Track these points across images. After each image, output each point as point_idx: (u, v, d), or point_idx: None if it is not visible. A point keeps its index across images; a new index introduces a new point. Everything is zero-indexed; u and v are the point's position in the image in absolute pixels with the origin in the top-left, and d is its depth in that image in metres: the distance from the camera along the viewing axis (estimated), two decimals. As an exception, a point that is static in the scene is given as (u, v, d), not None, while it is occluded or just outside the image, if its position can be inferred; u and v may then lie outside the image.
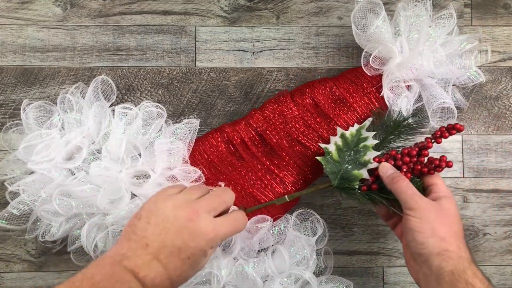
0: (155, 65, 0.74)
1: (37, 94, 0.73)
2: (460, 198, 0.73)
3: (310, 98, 0.69)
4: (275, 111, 0.69)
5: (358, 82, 0.69)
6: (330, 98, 0.69)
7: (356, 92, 0.68)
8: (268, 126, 0.68)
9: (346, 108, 0.68)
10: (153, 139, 0.67)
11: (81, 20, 0.75)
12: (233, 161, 0.68)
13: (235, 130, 0.69)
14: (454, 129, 0.62)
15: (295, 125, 0.68)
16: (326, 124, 0.68)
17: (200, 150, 0.68)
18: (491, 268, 0.72)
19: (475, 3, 0.76)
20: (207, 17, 0.75)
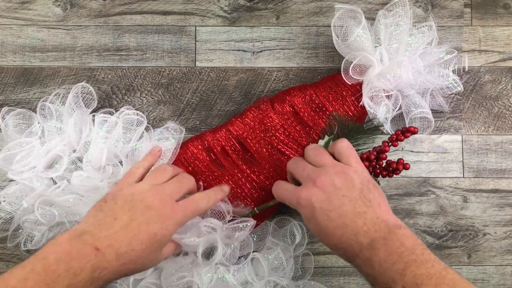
0: (155, 65, 0.74)
1: (37, 94, 0.73)
2: (460, 198, 0.73)
3: (289, 105, 0.69)
4: (256, 118, 0.68)
5: (338, 90, 0.69)
6: (310, 106, 0.69)
7: (336, 100, 0.68)
8: (249, 134, 0.68)
9: (325, 116, 0.68)
10: (135, 146, 0.67)
11: (81, 20, 0.75)
12: (213, 169, 0.67)
13: (215, 138, 0.68)
14: (408, 131, 0.63)
15: (275, 133, 0.68)
16: (306, 133, 0.68)
17: (181, 158, 0.68)
18: (491, 268, 0.72)
19: (475, 3, 0.76)
20: (207, 17, 0.75)
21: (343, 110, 0.68)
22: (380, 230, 0.51)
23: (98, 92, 0.74)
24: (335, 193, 0.53)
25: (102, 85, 0.74)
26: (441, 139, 0.74)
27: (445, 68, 0.69)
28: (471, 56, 0.75)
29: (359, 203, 0.52)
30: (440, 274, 0.47)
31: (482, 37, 0.75)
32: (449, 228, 0.73)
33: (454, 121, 0.74)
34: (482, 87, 0.75)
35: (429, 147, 0.74)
